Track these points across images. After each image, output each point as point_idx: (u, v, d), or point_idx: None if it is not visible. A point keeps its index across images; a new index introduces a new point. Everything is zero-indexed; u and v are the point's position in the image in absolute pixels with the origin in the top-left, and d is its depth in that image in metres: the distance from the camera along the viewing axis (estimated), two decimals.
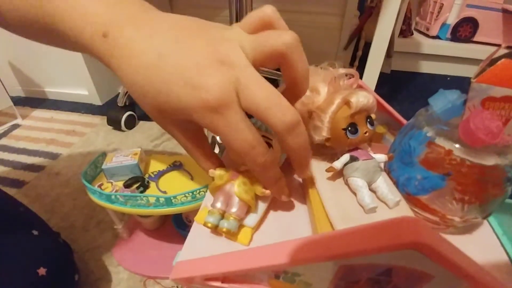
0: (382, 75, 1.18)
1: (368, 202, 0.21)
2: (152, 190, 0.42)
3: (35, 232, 0.37)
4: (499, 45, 0.76)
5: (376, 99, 0.28)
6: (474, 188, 0.20)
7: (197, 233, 0.25)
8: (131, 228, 0.50)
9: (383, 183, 0.22)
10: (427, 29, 1.03)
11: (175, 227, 0.46)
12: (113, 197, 0.38)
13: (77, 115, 0.86)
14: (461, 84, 1.06)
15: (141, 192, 0.40)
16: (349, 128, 0.22)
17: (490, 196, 0.21)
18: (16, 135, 0.78)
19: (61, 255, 0.39)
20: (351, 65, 1.16)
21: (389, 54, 1.07)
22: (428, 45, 1.02)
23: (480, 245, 0.24)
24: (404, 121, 0.29)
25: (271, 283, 0.20)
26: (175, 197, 0.37)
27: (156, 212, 0.38)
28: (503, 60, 0.19)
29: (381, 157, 0.24)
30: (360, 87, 0.27)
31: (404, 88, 1.04)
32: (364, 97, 0.22)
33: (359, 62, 1.12)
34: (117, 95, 0.81)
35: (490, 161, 0.20)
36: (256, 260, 0.18)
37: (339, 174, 0.24)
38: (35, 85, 0.94)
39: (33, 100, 0.93)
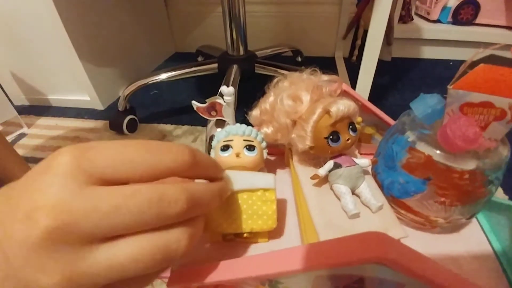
0: (383, 63, 1.16)
1: (351, 209, 0.21)
2: None
3: None
4: (502, 27, 0.74)
5: (363, 103, 0.28)
6: (455, 191, 0.21)
7: None
8: None
9: (366, 189, 0.23)
10: (428, 13, 1.00)
11: None
12: None
13: (80, 121, 0.88)
14: None
15: None
16: (331, 137, 0.23)
17: (471, 199, 0.21)
18: (23, 144, 0.80)
19: None
20: (351, 54, 1.14)
21: (389, 41, 1.05)
22: (429, 30, 0.99)
23: (467, 243, 0.25)
24: (392, 122, 0.29)
25: None
26: None
27: None
28: (480, 65, 0.19)
29: (364, 162, 0.24)
30: (345, 92, 0.27)
31: (405, 76, 1.02)
32: (344, 106, 0.22)
33: (358, 51, 1.10)
34: (118, 99, 0.82)
35: (470, 165, 0.20)
36: (243, 271, 0.19)
37: (325, 179, 0.25)
38: (38, 93, 0.96)
39: (37, 108, 0.95)
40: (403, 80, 0.98)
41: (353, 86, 0.70)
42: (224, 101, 0.31)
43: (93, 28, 0.86)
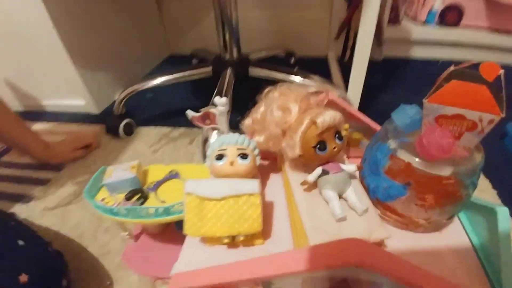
0: (374, 64, 1.18)
1: (338, 213, 0.23)
2: (152, 200, 0.44)
3: (21, 243, 0.40)
4: (485, 28, 0.76)
5: (350, 111, 0.30)
6: (433, 195, 0.22)
7: (190, 245, 0.28)
8: (137, 233, 0.53)
9: (352, 193, 0.24)
10: (416, 15, 1.02)
11: (177, 229, 0.49)
12: (115, 210, 0.40)
13: (76, 125, 0.88)
14: None
15: (142, 203, 0.43)
16: (318, 146, 0.24)
17: (449, 201, 0.23)
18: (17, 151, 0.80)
19: (46, 261, 0.42)
20: (343, 55, 1.16)
21: (379, 42, 1.07)
22: (418, 32, 1.01)
23: (449, 241, 0.26)
24: (378, 128, 0.31)
25: None
26: (172, 206, 0.39)
27: (156, 221, 0.40)
28: (452, 81, 0.20)
29: (351, 168, 0.26)
30: (332, 101, 0.28)
31: (396, 76, 1.04)
32: (330, 117, 0.24)
33: (350, 52, 1.12)
34: (114, 102, 0.83)
35: (446, 171, 0.22)
36: (237, 274, 0.20)
37: (314, 185, 0.26)
38: (33, 99, 0.95)
39: (32, 114, 0.95)
40: (394, 80, 1.01)
41: (346, 86, 0.71)
42: (218, 111, 0.32)
43: (87, 33, 0.87)
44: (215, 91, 0.72)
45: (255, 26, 1.16)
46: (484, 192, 0.57)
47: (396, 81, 0.99)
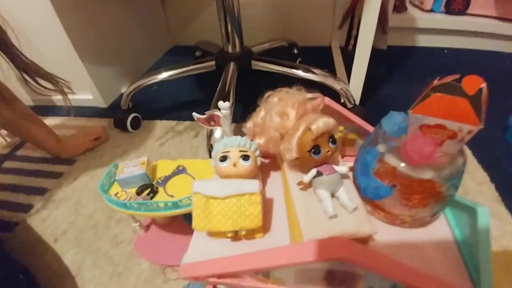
0: (378, 52, 1.17)
1: (330, 211, 0.25)
2: (161, 194, 0.47)
3: None
4: (492, 17, 0.76)
5: (345, 114, 0.32)
6: (416, 196, 0.25)
7: (198, 237, 0.31)
8: (147, 224, 0.57)
9: (343, 193, 0.27)
10: (422, 3, 1.00)
11: (183, 219, 0.53)
12: (128, 204, 0.44)
13: (85, 119, 0.91)
14: (458, 56, 1.03)
15: (152, 197, 0.46)
16: (313, 150, 0.26)
17: (431, 201, 0.25)
18: (31, 145, 0.84)
19: None
20: (347, 44, 1.15)
21: (384, 30, 1.06)
22: (423, 20, 1.00)
23: (433, 236, 0.28)
24: (371, 129, 0.33)
25: (254, 277, 0.25)
26: (180, 200, 0.42)
27: (166, 214, 0.44)
28: (434, 94, 0.22)
29: (343, 170, 0.28)
30: (327, 106, 0.30)
31: (401, 64, 1.03)
32: (324, 123, 0.26)
33: (354, 40, 1.11)
34: (121, 96, 0.85)
35: (427, 175, 0.24)
36: (240, 265, 0.23)
37: (310, 184, 0.29)
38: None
39: (42, 108, 0.98)
40: (398, 69, 1.00)
41: (349, 75, 0.72)
42: (222, 114, 0.34)
43: (91, 27, 0.88)
44: (219, 86, 0.73)
45: (258, 15, 1.15)
46: (483, 185, 0.57)
47: (401, 70, 0.99)
